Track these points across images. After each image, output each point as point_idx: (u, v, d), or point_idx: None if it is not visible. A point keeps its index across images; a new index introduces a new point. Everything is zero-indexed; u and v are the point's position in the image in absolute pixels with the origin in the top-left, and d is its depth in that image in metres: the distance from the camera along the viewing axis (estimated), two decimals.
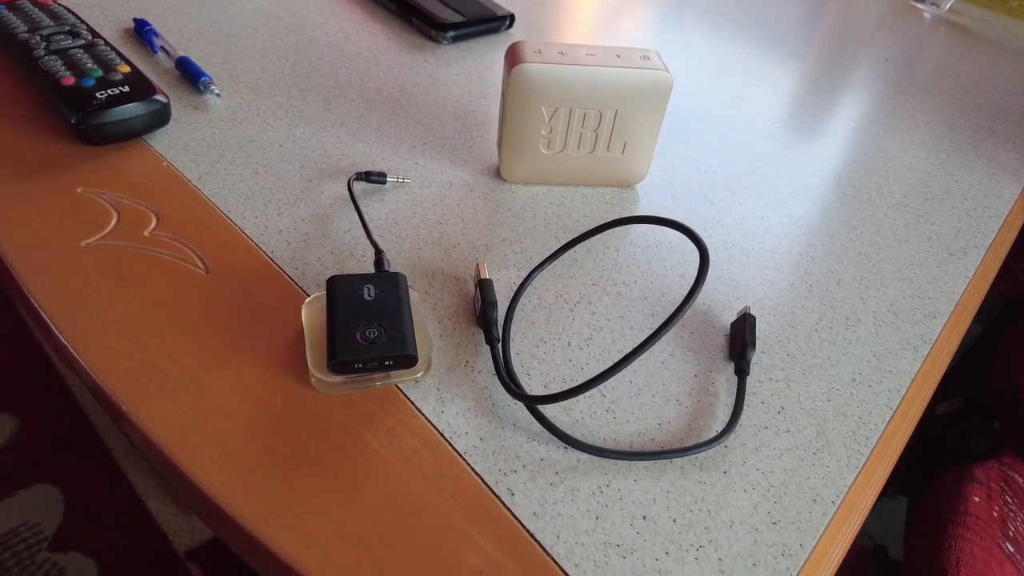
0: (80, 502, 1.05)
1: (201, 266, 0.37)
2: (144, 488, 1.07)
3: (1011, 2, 0.91)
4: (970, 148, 0.59)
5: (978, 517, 0.60)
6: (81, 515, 1.03)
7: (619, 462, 0.30)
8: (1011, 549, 0.59)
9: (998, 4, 0.92)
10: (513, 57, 0.40)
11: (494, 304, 0.35)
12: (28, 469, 1.08)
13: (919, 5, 0.89)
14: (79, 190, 0.41)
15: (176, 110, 0.49)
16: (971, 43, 0.81)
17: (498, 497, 0.29)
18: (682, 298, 0.39)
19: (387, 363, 0.30)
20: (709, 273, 0.42)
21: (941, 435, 0.85)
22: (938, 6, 0.88)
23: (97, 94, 0.44)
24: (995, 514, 0.62)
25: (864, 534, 0.97)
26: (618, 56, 0.41)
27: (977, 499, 0.62)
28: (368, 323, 0.31)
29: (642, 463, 0.31)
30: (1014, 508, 0.63)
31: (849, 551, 0.31)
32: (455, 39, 0.61)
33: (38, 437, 1.12)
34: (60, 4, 0.55)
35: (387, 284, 0.33)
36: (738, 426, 0.33)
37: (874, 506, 0.33)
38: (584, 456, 0.30)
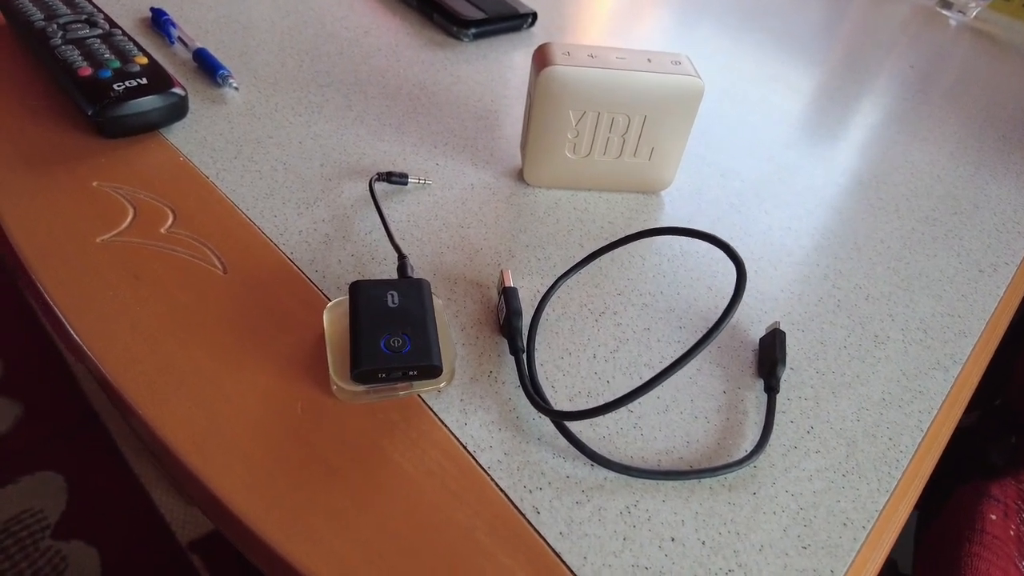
0: (83, 490, 1.04)
1: (219, 266, 0.36)
2: (148, 478, 1.07)
3: None
4: (998, 160, 0.58)
5: (995, 536, 0.59)
6: (84, 503, 1.03)
7: (648, 481, 0.30)
8: None
9: None
10: (542, 59, 0.39)
11: (519, 313, 0.34)
12: (32, 455, 1.07)
13: (944, 12, 0.88)
14: (95, 184, 0.40)
15: (193, 103, 0.48)
16: (997, 52, 0.80)
17: (523, 515, 0.28)
18: (709, 310, 0.38)
19: (411, 373, 0.30)
20: None
21: (957, 449, 0.84)
22: (964, 13, 0.87)
23: (115, 86, 0.43)
24: (1012, 533, 0.61)
25: None
26: (649, 60, 0.40)
27: (994, 517, 0.61)
28: (392, 331, 0.30)
29: (670, 483, 0.30)
30: None
31: None
32: (476, 36, 0.60)
33: (42, 423, 1.11)
34: None
35: (411, 291, 0.32)
36: (767, 446, 0.32)
37: None
38: (611, 475, 0.30)
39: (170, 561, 0.99)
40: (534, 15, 0.63)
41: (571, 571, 0.26)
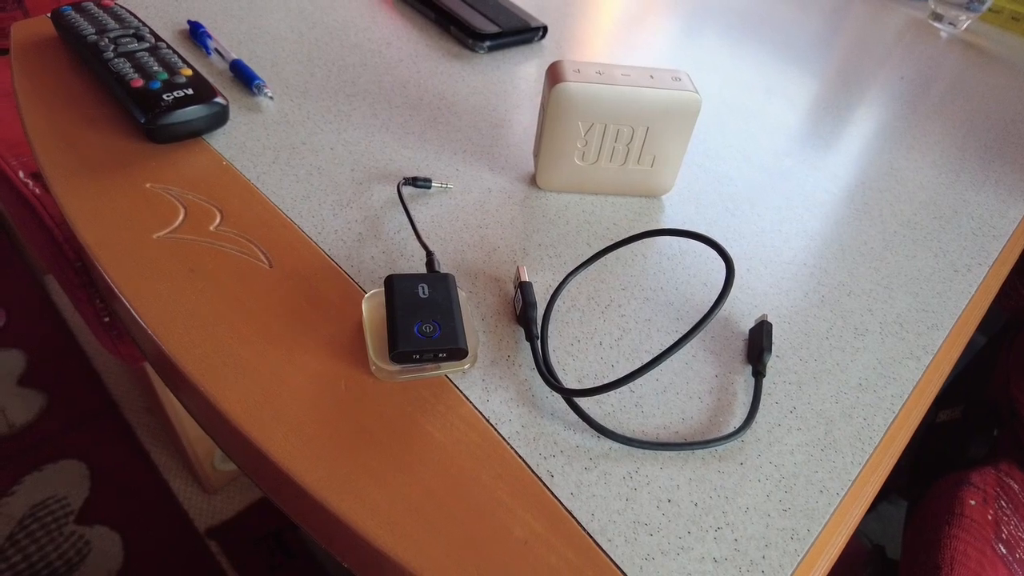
0: (105, 477, 1.09)
1: (265, 261, 0.40)
2: (167, 467, 1.11)
3: None
4: (979, 169, 0.62)
5: (973, 519, 0.63)
6: (106, 490, 1.07)
7: (647, 451, 0.34)
8: (1003, 551, 0.63)
9: (1014, 24, 0.95)
10: (554, 76, 0.44)
11: (534, 305, 0.38)
12: (56, 444, 1.12)
13: (936, 24, 0.92)
14: (148, 186, 0.45)
15: (232, 111, 0.52)
16: (985, 64, 0.84)
17: (539, 478, 0.32)
18: (704, 304, 0.42)
19: (441, 355, 0.34)
20: None
21: (942, 441, 0.88)
22: (955, 25, 0.91)
23: (164, 96, 0.48)
24: (989, 517, 0.65)
25: (864, 535, 1.01)
26: (651, 77, 0.44)
27: (973, 502, 0.65)
28: (424, 319, 0.34)
29: (667, 453, 0.34)
30: (1008, 512, 0.66)
31: (849, 550, 0.34)
32: (491, 48, 0.64)
33: (65, 414, 1.16)
34: (120, 6, 0.58)
35: (439, 284, 0.37)
36: (754, 423, 0.36)
37: (875, 509, 0.36)
38: (615, 445, 0.34)
39: (189, 546, 1.03)
40: (545, 28, 0.67)
41: (581, 525, 0.31)
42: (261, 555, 1.04)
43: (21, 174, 0.86)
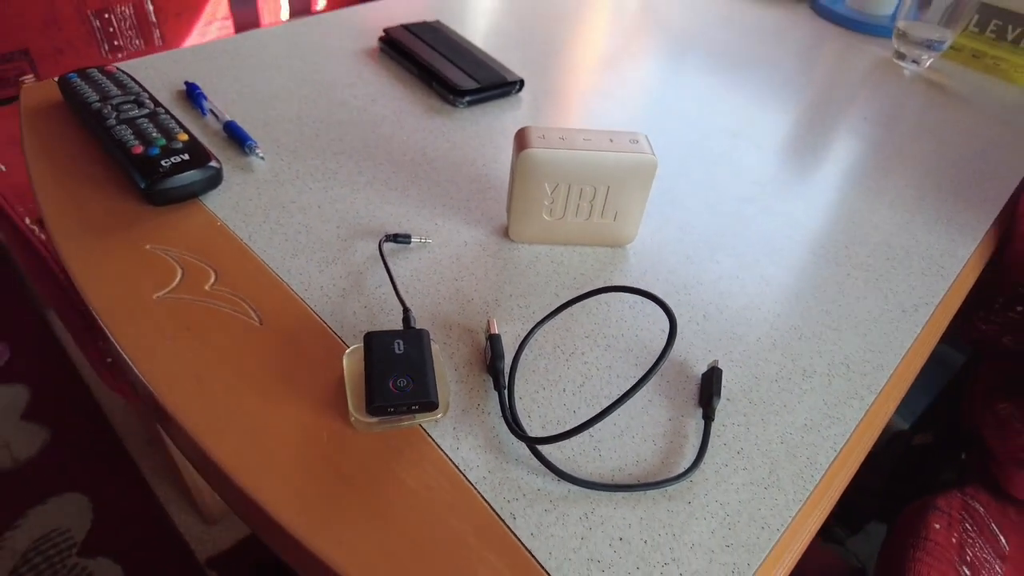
0: (107, 509, 1.11)
1: (255, 318, 0.44)
2: (167, 498, 1.14)
3: (987, 59, 0.98)
4: (933, 209, 0.66)
5: (937, 542, 0.66)
6: (108, 522, 1.10)
7: (603, 493, 0.37)
8: (967, 572, 0.65)
9: (975, 61, 0.99)
10: (521, 142, 0.47)
11: (501, 356, 0.42)
12: (59, 477, 1.15)
13: (900, 63, 0.96)
14: (148, 247, 0.48)
15: (226, 170, 0.56)
16: (946, 101, 0.88)
17: (502, 520, 0.35)
18: (661, 350, 0.46)
19: (414, 407, 0.37)
20: (687, 327, 0.48)
21: (916, 465, 0.91)
22: (918, 63, 0.95)
23: (162, 162, 0.52)
24: (954, 540, 0.68)
25: (854, 556, 1.03)
26: (611, 140, 0.48)
27: (938, 526, 0.68)
28: (399, 374, 0.38)
29: (621, 494, 0.37)
30: (973, 535, 0.69)
31: (834, 571, 0.37)
32: (470, 103, 0.68)
33: (68, 447, 1.19)
34: (123, 71, 0.62)
35: (414, 340, 0.40)
36: (702, 464, 0.39)
37: (864, 531, 0.39)
38: (574, 488, 0.37)
39: None
40: (521, 82, 0.71)
41: (540, 564, 0.34)
42: None
43: (27, 220, 0.90)
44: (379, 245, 0.49)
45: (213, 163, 0.53)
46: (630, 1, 1.03)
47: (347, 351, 0.41)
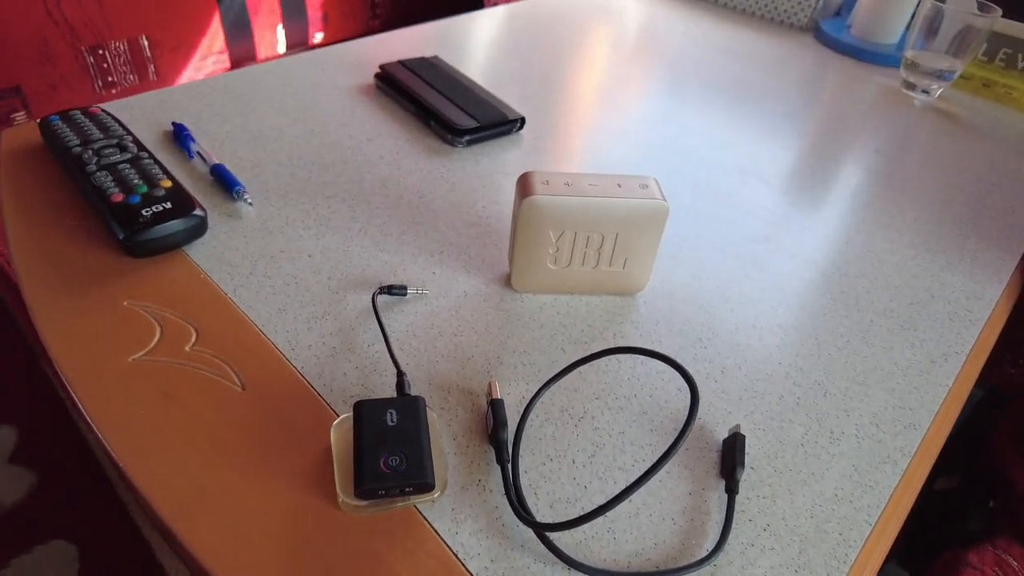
0: (95, 555, 1.07)
1: (238, 383, 0.41)
2: (158, 544, 1.09)
3: (997, 88, 0.96)
4: (954, 246, 0.63)
5: None
6: (96, 570, 1.05)
7: None
8: None
9: (985, 90, 0.97)
10: (524, 188, 0.44)
11: (505, 424, 0.38)
12: (46, 523, 1.11)
13: (909, 93, 0.94)
14: (125, 303, 0.45)
15: (211, 217, 0.53)
16: (958, 132, 0.85)
17: None
18: (677, 411, 0.42)
19: (407, 489, 0.34)
20: (705, 385, 0.45)
21: (940, 511, 0.86)
22: (928, 93, 0.93)
23: (143, 211, 0.49)
24: None
25: None
26: (619, 186, 0.45)
27: None
28: (391, 450, 0.34)
29: None
30: None
31: None
32: (470, 143, 0.66)
33: (55, 491, 1.15)
34: (107, 112, 0.60)
35: (408, 409, 0.37)
36: (727, 545, 0.36)
37: (883, 571, 0.36)
38: None
39: None
40: (523, 120, 0.69)
41: None
42: None
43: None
44: (372, 298, 0.46)
45: (198, 211, 0.50)
46: (630, 33, 1.01)
47: (335, 422, 0.38)
